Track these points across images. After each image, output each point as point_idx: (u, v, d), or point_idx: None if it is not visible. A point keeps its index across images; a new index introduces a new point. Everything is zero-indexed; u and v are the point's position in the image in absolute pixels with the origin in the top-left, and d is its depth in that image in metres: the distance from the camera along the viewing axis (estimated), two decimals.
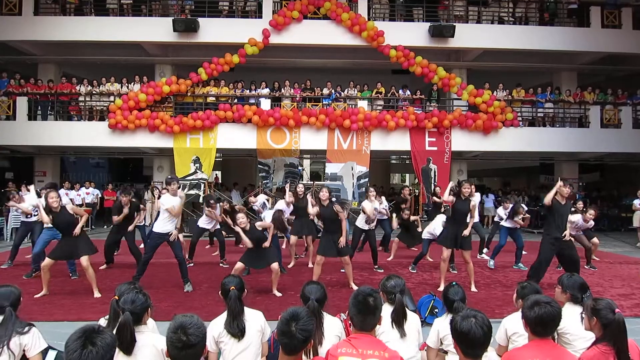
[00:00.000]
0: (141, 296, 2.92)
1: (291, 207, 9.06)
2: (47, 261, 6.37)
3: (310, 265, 8.95)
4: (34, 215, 8.47)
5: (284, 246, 9.17)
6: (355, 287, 6.96)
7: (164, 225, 6.96)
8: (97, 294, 6.48)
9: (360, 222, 8.56)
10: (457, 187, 7.15)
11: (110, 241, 8.67)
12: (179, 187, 7.17)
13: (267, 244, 6.61)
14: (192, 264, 9.00)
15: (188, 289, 6.93)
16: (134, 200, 8.42)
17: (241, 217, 6.62)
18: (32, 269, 7.82)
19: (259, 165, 14.60)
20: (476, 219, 9.93)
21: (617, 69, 16.68)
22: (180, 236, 9.39)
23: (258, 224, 6.87)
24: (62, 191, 11.03)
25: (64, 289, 6.75)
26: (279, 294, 6.61)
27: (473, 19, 15.82)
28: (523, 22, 15.86)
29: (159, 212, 7.42)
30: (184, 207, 10.50)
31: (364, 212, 8.55)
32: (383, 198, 10.22)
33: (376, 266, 8.72)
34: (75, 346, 1.97)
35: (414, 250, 10.43)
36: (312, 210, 7.29)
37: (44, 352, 3.39)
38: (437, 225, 8.21)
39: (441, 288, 6.75)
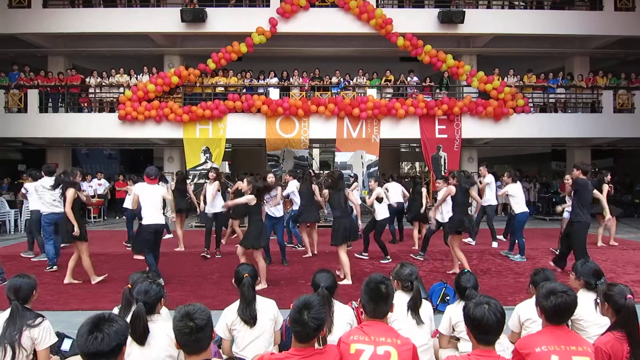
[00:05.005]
0: (155, 286, 2.93)
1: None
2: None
3: (308, 254, 8.85)
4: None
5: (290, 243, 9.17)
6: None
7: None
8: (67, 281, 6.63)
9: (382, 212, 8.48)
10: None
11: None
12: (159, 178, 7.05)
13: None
14: (219, 255, 8.93)
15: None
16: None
17: (246, 182, 6.55)
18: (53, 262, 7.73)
19: (267, 157, 14.61)
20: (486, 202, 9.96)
21: (630, 53, 16.37)
22: (179, 231, 9.41)
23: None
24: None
25: (78, 279, 6.81)
26: (264, 286, 6.44)
27: (483, 4, 15.61)
28: (534, 6, 15.62)
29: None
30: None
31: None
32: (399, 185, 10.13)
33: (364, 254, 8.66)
34: (82, 332, 2.02)
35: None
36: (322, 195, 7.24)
37: (60, 341, 3.44)
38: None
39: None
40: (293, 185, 8.99)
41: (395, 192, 9.73)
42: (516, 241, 8.68)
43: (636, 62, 16.48)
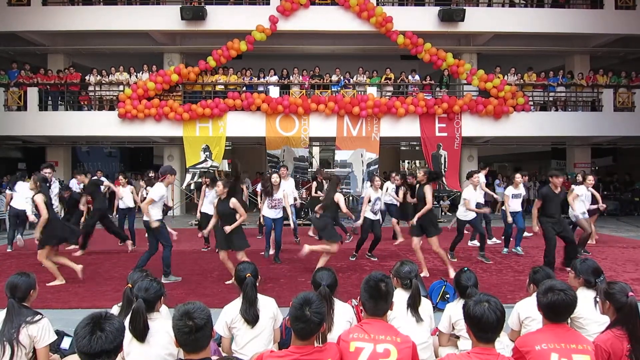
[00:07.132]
0: (155, 284, 2.93)
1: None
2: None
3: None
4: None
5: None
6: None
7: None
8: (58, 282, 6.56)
9: (369, 213, 8.40)
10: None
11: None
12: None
13: (227, 228, 6.23)
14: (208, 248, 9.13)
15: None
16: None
17: (220, 184, 6.45)
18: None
19: (267, 157, 14.60)
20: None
21: (630, 51, 16.37)
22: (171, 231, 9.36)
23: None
24: (73, 181, 11.12)
25: (77, 277, 6.81)
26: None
27: (483, 2, 15.60)
28: (534, 4, 15.60)
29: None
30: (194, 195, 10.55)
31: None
32: (388, 183, 10.08)
33: (369, 254, 8.47)
34: (84, 333, 2.01)
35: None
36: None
37: (59, 339, 3.43)
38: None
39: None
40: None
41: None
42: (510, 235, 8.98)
43: (637, 60, 16.48)
